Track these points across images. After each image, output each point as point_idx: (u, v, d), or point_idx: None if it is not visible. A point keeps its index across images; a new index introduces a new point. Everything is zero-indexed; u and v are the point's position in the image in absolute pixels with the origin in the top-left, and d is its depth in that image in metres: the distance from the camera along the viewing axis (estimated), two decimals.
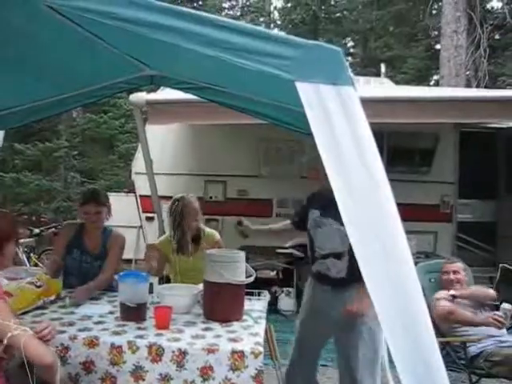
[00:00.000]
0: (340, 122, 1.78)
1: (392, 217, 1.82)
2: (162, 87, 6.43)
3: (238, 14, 27.89)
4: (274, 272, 8.04)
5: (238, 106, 3.20)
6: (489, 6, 15.00)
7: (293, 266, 7.57)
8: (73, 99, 3.86)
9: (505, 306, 4.27)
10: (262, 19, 26.92)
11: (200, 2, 18.69)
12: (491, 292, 4.74)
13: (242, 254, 3.21)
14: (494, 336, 4.33)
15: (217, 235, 4.36)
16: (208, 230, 4.37)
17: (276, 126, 3.20)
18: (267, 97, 2.13)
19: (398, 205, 6.56)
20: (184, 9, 1.82)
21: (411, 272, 1.83)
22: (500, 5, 15.61)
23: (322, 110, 1.81)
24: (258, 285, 6.73)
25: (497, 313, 4.24)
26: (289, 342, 5.83)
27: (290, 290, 7.32)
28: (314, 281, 3.68)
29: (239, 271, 3.12)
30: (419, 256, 7.17)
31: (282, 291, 7.32)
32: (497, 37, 15.80)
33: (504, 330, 4.47)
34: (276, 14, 27.18)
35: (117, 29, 1.90)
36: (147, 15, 1.81)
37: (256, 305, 3.49)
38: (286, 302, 7.24)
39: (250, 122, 4.69)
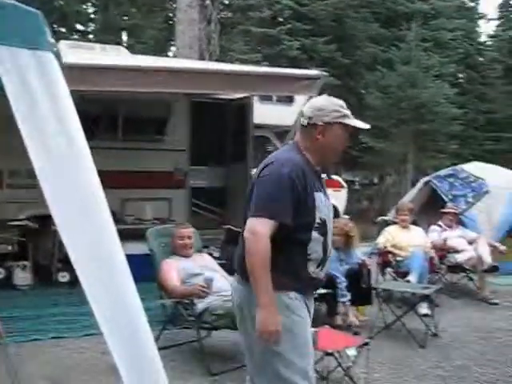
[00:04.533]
0: (38, 88, 1.76)
1: (92, 184, 1.87)
2: None
3: None
4: (11, 246, 7.61)
5: None
6: None
7: (28, 238, 7.25)
8: None
9: (206, 275, 4.70)
10: None
11: None
12: None
13: None
14: (217, 292, 4.73)
15: None
16: None
17: None
18: None
19: (133, 173, 6.65)
20: None
21: (114, 238, 1.92)
22: None
23: (19, 76, 1.76)
24: None
25: (200, 283, 4.62)
26: (24, 319, 5.66)
27: (26, 263, 7.04)
28: (307, 290, 2.69)
29: None
30: (155, 222, 7.39)
31: (18, 266, 7.00)
32: (227, 15, 16.81)
33: (226, 285, 4.91)
34: None
35: None
36: None
37: None
38: (22, 277, 6.97)
39: None
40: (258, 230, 2.45)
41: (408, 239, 6.83)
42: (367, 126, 2.78)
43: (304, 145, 2.68)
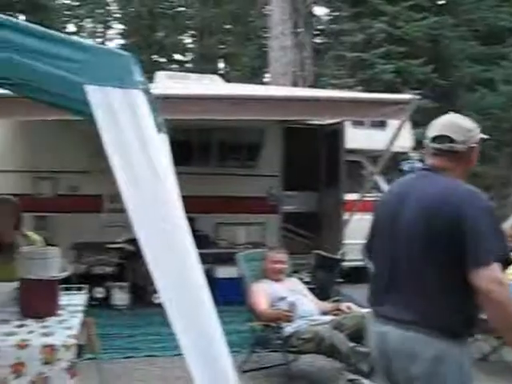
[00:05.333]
0: (126, 122, 1.94)
1: (175, 208, 1.99)
2: None
3: (76, 3, 26.97)
4: (111, 268, 8.04)
5: (46, 101, 3.19)
6: (313, 12, 16.01)
7: (126, 260, 7.60)
8: None
9: (288, 300, 4.72)
10: (99, 11, 26.28)
11: None
12: None
13: (55, 250, 3.24)
14: (305, 316, 4.76)
15: (41, 242, 3.99)
16: (34, 236, 4.00)
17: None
18: (66, 92, 2.21)
19: (228, 198, 6.84)
20: None
21: (195, 263, 2.02)
22: (323, 11, 16.76)
23: (110, 111, 1.94)
24: (94, 281, 6.69)
25: (283, 308, 4.67)
26: (120, 337, 5.95)
27: (124, 284, 7.36)
28: None
29: (52, 267, 3.15)
30: (248, 246, 7.53)
31: (116, 286, 7.33)
32: (320, 40, 16.94)
33: (314, 309, 4.92)
34: (114, 7, 26.65)
35: None
36: None
37: (74, 299, 3.52)
38: (120, 297, 7.28)
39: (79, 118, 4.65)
40: (502, 278, 2.17)
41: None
42: (486, 137, 2.68)
43: (456, 171, 2.46)
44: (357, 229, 8.34)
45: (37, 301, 3.12)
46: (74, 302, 3.47)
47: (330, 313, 4.95)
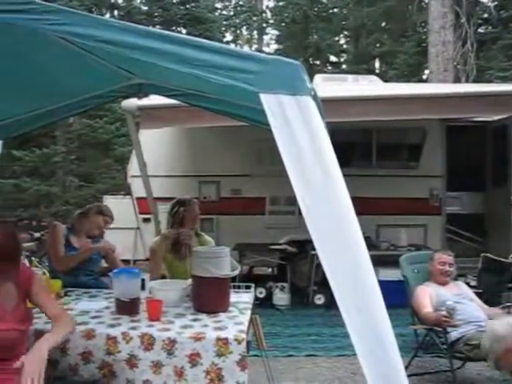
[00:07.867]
0: (299, 127, 2.04)
1: (348, 210, 2.04)
2: None
3: (231, 13, 28.14)
4: (272, 268, 8.30)
5: (222, 110, 3.40)
6: (475, 0, 15.18)
7: (287, 261, 7.78)
8: (67, 108, 4.07)
9: (447, 304, 4.48)
10: (254, 18, 27.14)
11: (193, 4, 18.93)
12: None
13: (227, 250, 3.42)
14: (473, 321, 4.55)
15: (212, 242, 4.45)
16: (206, 236, 4.45)
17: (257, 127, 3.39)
18: (242, 101, 2.36)
19: (388, 199, 6.76)
20: (157, 30, 2.06)
21: (368, 264, 2.05)
22: None
23: (283, 118, 2.05)
24: (255, 281, 6.94)
25: (442, 313, 4.43)
26: (281, 335, 6.11)
27: (285, 285, 7.52)
28: None
29: (224, 265, 3.34)
30: (410, 249, 7.38)
31: (277, 287, 7.52)
32: (484, 31, 15.96)
33: (482, 315, 4.69)
34: (269, 14, 27.38)
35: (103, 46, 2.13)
36: (125, 37, 2.05)
37: (242, 297, 3.68)
38: (281, 297, 7.44)
39: (241, 124, 4.87)
40: None
41: None
42: None
43: None
44: None
45: (210, 297, 3.33)
46: (242, 299, 3.64)
47: None
